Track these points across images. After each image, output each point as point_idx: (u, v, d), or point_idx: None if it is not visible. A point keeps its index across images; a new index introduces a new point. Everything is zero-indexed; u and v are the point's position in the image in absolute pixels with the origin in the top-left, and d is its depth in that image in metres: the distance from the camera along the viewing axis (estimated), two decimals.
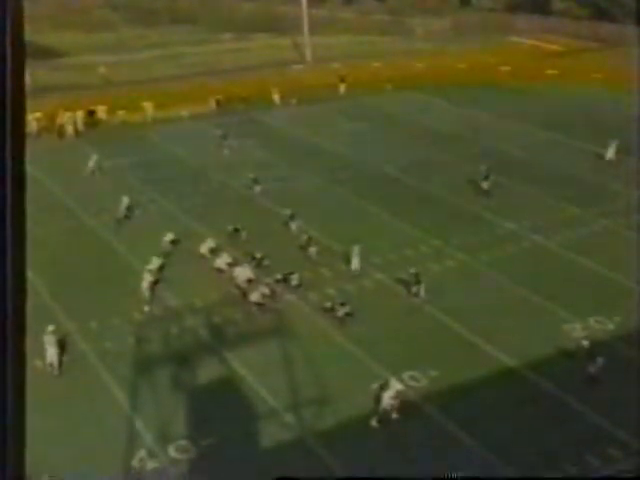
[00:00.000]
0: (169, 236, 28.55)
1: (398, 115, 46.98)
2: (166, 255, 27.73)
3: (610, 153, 37.13)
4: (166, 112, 46.32)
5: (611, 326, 23.40)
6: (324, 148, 40.73)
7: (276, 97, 49.35)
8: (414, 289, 24.85)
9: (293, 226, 29.81)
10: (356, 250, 26.68)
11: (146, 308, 24.63)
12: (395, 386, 19.49)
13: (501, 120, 45.07)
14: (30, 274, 26.10)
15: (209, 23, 72.44)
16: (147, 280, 25.04)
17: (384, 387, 19.56)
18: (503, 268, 27.21)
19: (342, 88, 51.78)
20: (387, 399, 19.20)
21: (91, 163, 37.07)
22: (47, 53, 57.89)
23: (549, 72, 54.80)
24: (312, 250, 27.60)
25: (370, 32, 70.25)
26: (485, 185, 33.61)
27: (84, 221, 32.01)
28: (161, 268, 26.59)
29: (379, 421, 19.18)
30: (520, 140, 41.49)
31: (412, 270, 25.40)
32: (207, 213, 32.28)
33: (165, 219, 31.64)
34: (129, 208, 31.82)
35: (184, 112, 47.15)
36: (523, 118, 44.76)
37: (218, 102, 48.47)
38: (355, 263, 26.72)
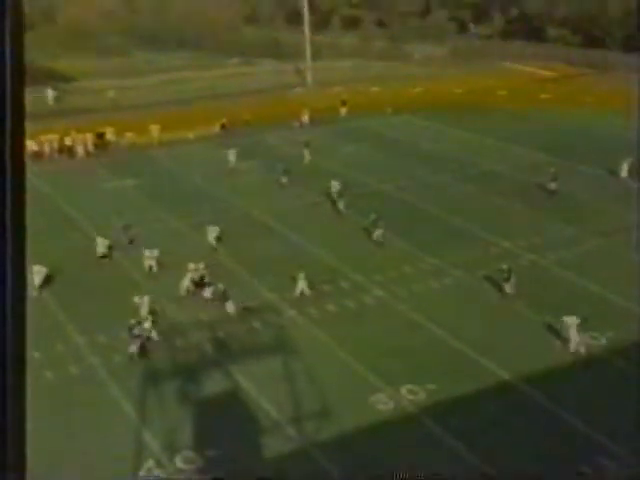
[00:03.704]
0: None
1: (397, 137, 48.15)
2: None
3: (624, 172, 37.72)
4: (172, 134, 47.67)
5: (603, 341, 23.95)
6: (325, 168, 41.55)
7: (305, 118, 51.02)
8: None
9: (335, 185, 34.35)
10: (301, 275, 27.04)
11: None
12: (573, 321, 22.19)
13: (498, 142, 46.08)
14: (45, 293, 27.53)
15: (214, 48, 74.24)
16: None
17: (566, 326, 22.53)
18: (498, 285, 27.61)
19: (343, 111, 53.42)
20: (575, 335, 22.16)
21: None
22: (59, 78, 59.69)
23: (543, 96, 56.35)
24: None
25: (371, 57, 72.03)
26: (553, 186, 35.73)
27: (94, 237, 33.16)
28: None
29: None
30: (517, 161, 42.51)
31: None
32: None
33: (171, 236, 32.99)
34: (131, 227, 32.77)
35: (190, 134, 48.69)
36: (519, 140, 45.77)
37: (223, 125, 49.96)
38: (301, 287, 26.95)
